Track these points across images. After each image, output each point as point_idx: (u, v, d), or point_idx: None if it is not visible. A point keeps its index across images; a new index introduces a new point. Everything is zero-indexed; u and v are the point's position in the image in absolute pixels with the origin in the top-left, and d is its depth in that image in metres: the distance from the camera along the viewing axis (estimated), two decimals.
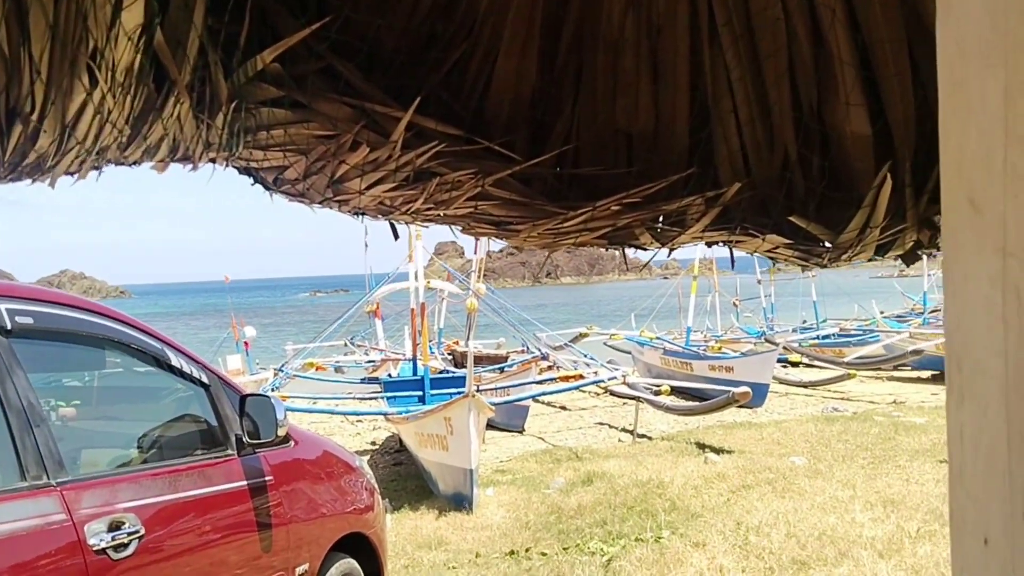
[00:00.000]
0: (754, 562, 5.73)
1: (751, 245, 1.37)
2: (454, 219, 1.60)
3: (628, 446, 11.91)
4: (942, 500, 6.69)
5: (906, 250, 1.30)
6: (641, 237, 1.40)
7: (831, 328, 24.11)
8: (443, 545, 7.22)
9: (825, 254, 1.29)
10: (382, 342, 23.09)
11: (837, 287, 32.45)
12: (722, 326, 27.57)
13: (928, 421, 11.80)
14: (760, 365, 15.61)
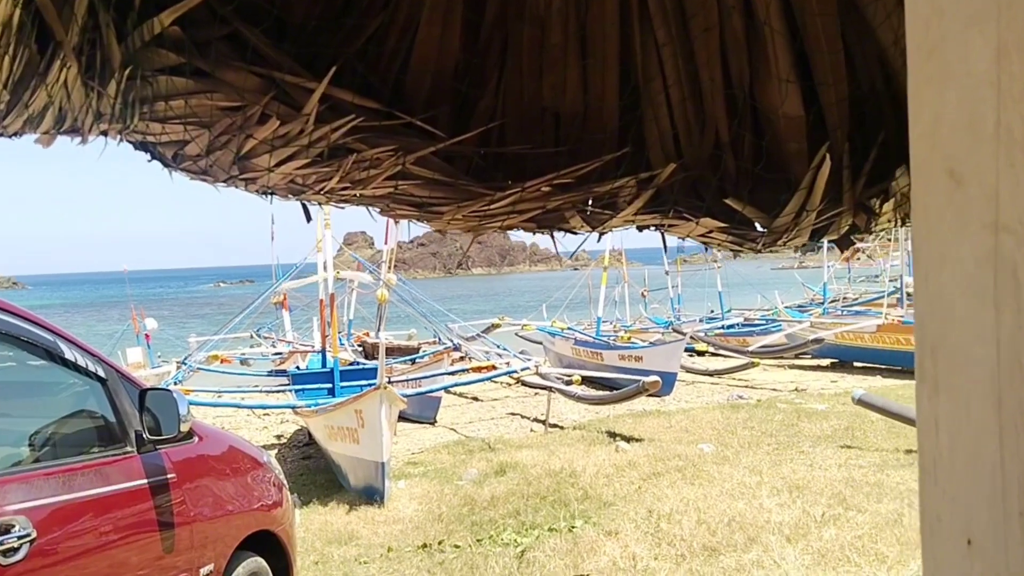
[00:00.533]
0: (666, 549, 5.79)
1: (684, 229, 1.32)
2: (372, 200, 1.50)
3: (540, 436, 11.95)
4: (845, 484, 6.90)
5: (841, 234, 1.27)
6: (571, 220, 1.33)
7: (736, 318, 24.71)
8: (354, 540, 7.08)
9: (759, 238, 1.25)
10: (290, 334, 22.68)
11: (742, 278, 33.28)
12: (631, 316, 27.98)
13: (829, 408, 12.19)
14: (668, 354, 15.86)
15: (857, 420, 10.56)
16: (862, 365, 18.65)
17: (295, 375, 14.35)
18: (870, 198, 1.41)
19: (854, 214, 1.16)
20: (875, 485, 6.80)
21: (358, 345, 19.58)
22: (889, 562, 5.06)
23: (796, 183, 1.38)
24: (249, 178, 1.40)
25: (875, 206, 1.28)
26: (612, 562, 5.66)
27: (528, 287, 70.98)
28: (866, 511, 6.08)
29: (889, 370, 17.72)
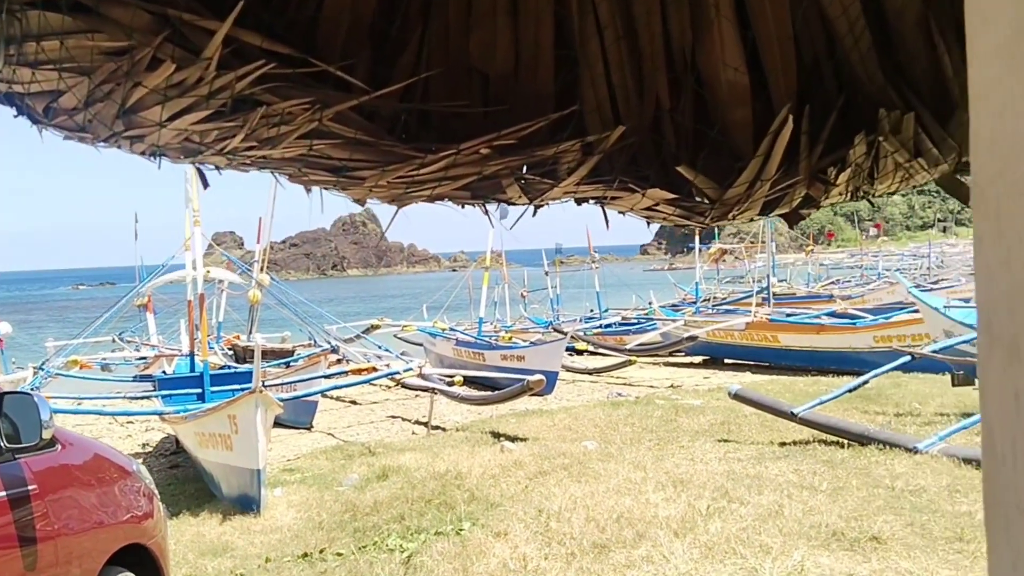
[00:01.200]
0: (556, 548, 5.73)
1: (628, 202, 1.22)
2: (281, 163, 1.33)
3: (423, 439, 11.78)
4: (726, 477, 7.03)
5: (793, 207, 1.20)
6: (509, 190, 1.20)
7: (613, 317, 25.16)
8: (229, 551, 6.75)
9: (708, 211, 1.16)
10: (154, 337, 21.70)
11: (617, 278, 33.97)
12: (511, 317, 28.11)
13: (704, 403, 12.50)
14: (550, 354, 15.97)
15: (732, 415, 10.85)
16: (732, 361, 19.31)
17: (161, 380, 13.64)
18: (826, 168, 1.35)
19: (809, 185, 1.09)
20: (755, 477, 6.96)
21: (229, 348, 18.88)
22: (774, 553, 5.15)
23: (740, 154, 1.31)
24: (136, 135, 1.20)
25: (831, 176, 1.22)
26: (502, 563, 5.56)
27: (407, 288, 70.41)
28: (748, 503, 6.21)
29: (757, 366, 18.42)
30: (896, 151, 1.23)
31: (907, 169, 1.08)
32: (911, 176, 1.10)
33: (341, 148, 1.25)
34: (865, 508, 5.90)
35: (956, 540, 5.20)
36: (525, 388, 11.18)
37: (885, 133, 1.28)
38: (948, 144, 1.29)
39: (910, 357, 9.33)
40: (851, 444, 7.94)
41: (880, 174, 1.06)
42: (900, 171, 1.08)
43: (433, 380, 14.12)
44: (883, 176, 1.08)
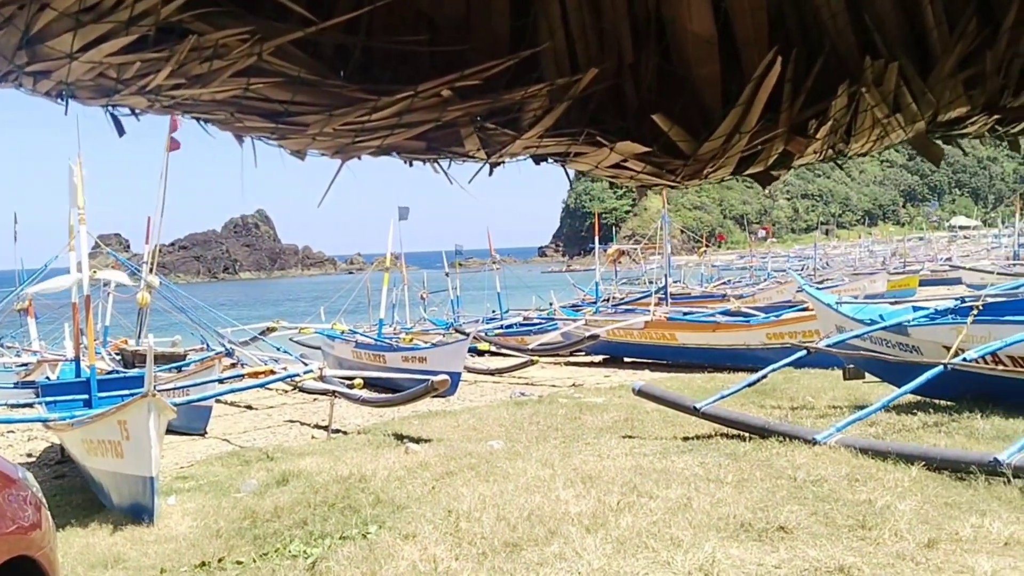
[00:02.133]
0: (467, 548, 5.63)
1: (594, 158, 1.12)
2: (212, 106, 1.17)
3: (323, 442, 11.49)
4: (634, 472, 7.06)
5: (768, 164, 1.13)
6: (467, 142, 1.08)
7: (514, 318, 25.23)
8: (121, 562, 6.39)
9: (681, 169, 1.08)
10: (36, 342, 20.62)
11: (518, 280, 34.11)
12: (411, 319, 27.90)
13: (606, 400, 12.61)
14: (452, 354, 15.86)
15: (634, 411, 10.97)
16: (631, 360, 19.60)
17: (45, 386, 12.91)
18: (806, 121, 1.29)
19: (787, 140, 1.03)
20: (662, 472, 7.01)
21: (116, 353, 18.08)
22: (685, 545, 5.18)
23: (709, 111, 1.24)
24: (41, 70, 1.03)
25: (811, 129, 1.16)
26: (412, 566, 5.42)
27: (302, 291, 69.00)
28: (657, 497, 6.24)
29: (656, 364, 18.75)
30: (876, 105, 1.20)
31: (884, 126, 1.03)
32: (887, 134, 1.05)
33: (282, 88, 1.12)
34: (770, 499, 6.01)
35: (859, 527, 5.34)
36: (429, 388, 11.04)
37: (868, 84, 1.24)
38: (927, 99, 1.26)
39: (806, 352, 9.59)
40: (752, 437, 8.10)
41: (858, 130, 1.01)
42: (877, 128, 1.04)
43: (333, 383, 13.81)
44: (860, 133, 1.03)
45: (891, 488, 6.03)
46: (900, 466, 6.51)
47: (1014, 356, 8.52)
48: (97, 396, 11.52)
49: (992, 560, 4.64)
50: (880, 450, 6.90)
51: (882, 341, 10.15)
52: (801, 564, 4.82)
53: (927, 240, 68.81)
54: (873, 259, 53.97)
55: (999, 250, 49.80)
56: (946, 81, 1.20)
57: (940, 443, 7.55)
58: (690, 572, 4.77)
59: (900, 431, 8.33)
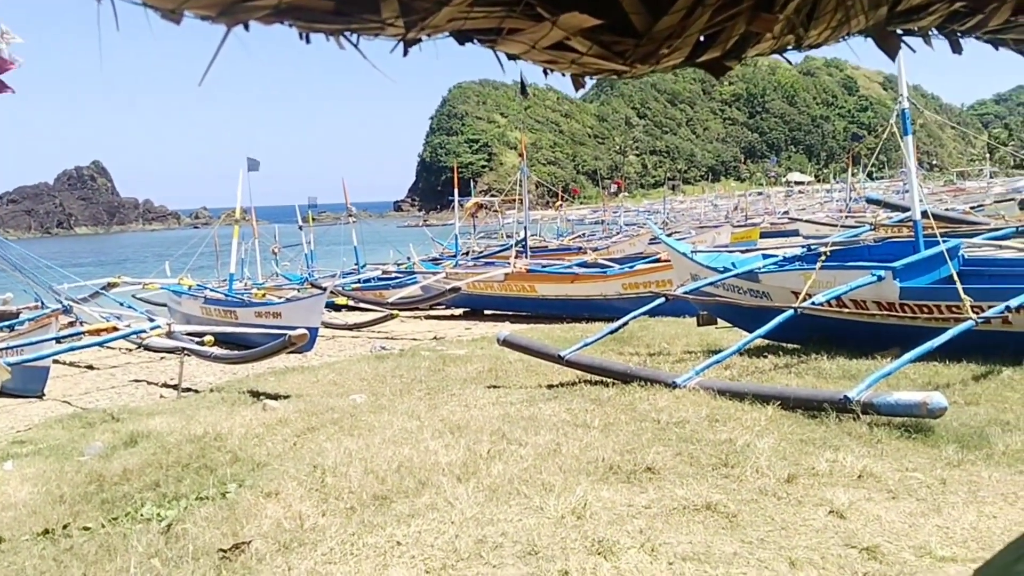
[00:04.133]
0: (334, 504, 5.44)
1: (531, 35, 0.94)
2: None
3: (173, 402, 10.94)
4: (503, 421, 7.03)
5: (726, 50, 1.00)
6: (385, 5, 0.89)
7: (373, 272, 24.82)
8: None
9: (632, 50, 0.94)
10: None
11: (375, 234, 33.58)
12: (263, 274, 27.02)
13: (469, 352, 12.58)
14: (308, 309, 15.41)
15: (498, 362, 10.98)
16: (492, 312, 19.68)
17: None
18: None
19: (752, 17, 0.91)
20: (530, 419, 7.01)
21: None
22: (556, 490, 5.18)
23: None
24: None
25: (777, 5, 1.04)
26: (276, 524, 5.19)
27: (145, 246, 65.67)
28: (527, 444, 6.22)
29: (516, 315, 18.90)
30: None
31: (847, 9, 0.93)
32: (848, 20, 0.95)
33: None
34: (636, 441, 6.10)
35: (722, 466, 5.49)
36: (287, 343, 10.66)
37: None
38: None
39: (664, 299, 9.82)
40: (615, 383, 8.23)
41: (820, 13, 0.91)
42: (840, 11, 0.93)
43: (182, 340, 13.16)
44: (823, 16, 0.92)
45: (750, 427, 6.24)
46: (757, 406, 6.75)
47: (856, 300, 8.99)
48: None
49: (848, 492, 4.86)
50: (737, 391, 7.13)
51: (735, 288, 10.52)
52: (669, 503, 4.90)
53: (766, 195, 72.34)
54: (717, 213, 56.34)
55: (831, 204, 52.91)
56: None
57: (792, 383, 7.90)
58: (563, 516, 4.77)
59: (754, 373, 8.67)
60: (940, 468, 5.29)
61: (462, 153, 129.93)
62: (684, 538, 4.42)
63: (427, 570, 4.30)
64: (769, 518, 4.62)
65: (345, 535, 4.86)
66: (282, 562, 4.60)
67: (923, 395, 5.96)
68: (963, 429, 6.06)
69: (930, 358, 7.59)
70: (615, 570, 4.09)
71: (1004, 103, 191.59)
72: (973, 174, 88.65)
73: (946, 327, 7.43)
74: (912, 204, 10.21)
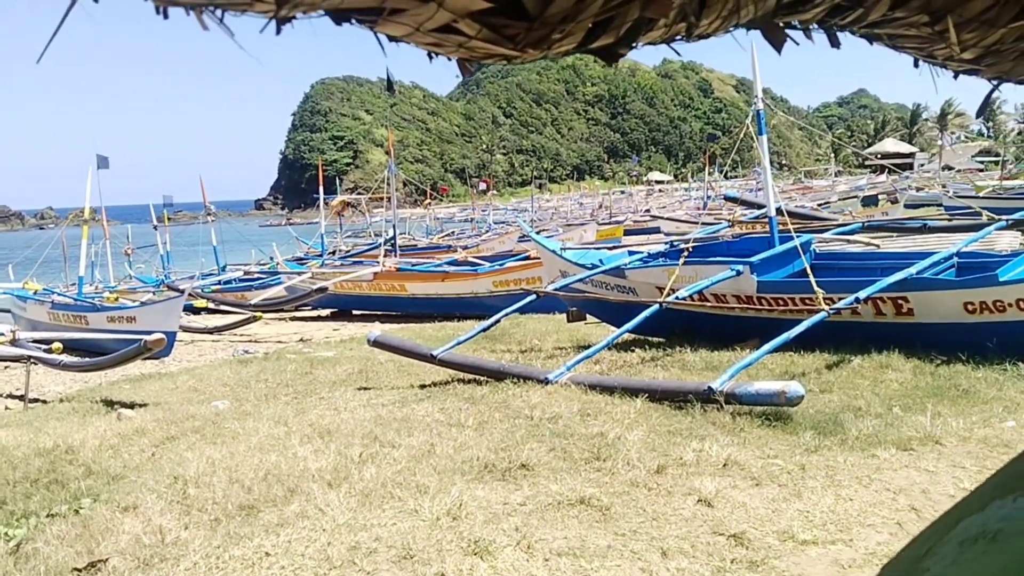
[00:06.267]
0: (197, 516, 5.19)
1: (415, 17, 0.88)
2: None
3: (19, 413, 10.23)
4: (374, 423, 6.90)
5: (618, 37, 0.96)
6: None
7: (234, 273, 23.99)
8: None
9: (523, 34, 0.89)
10: None
11: (236, 233, 32.45)
12: (115, 277, 25.69)
13: (338, 354, 12.33)
14: (165, 313, 14.75)
15: (368, 363, 10.81)
16: (361, 312, 19.38)
17: None
18: None
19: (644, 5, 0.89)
20: (403, 420, 6.91)
21: None
22: (431, 491, 5.11)
23: None
24: None
25: None
26: (135, 539, 4.90)
27: None
28: (400, 446, 6.13)
29: (386, 315, 18.68)
30: None
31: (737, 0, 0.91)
32: (738, 9, 0.93)
33: None
34: (510, 439, 6.10)
35: (594, 459, 5.56)
36: (142, 349, 10.14)
37: None
38: None
39: (536, 296, 9.89)
40: (488, 381, 8.23)
41: (712, 1, 0.89)
42: (731, 1, 0.91)
43: (27, 347, 12.33)
44: (713, 6, 0.90)
45: (620, 420, 6.35)
46: (626, 399, 6.88)
47: (716, 293, 9.32)
48: None
49: (715, 480, 5.01)
50: (607, 385, 7.25)
51: (603, 284, 10.72)
52: (545, 499, 4.92)
53: (628, 193, 74.29)
54: (583, 211, 57.44)
55: (690, 202, 54.86)
56: None
57: (659, 376, 8.10)
58: (438, 517, 4.71)
59: (622, 367, 8.85)
60: (799, 454, 5.53)
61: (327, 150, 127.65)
62: (559, 533, 4.44)
63: None
64: (641, 509, 4.71)
65: (210, 548, 4.63)
66: None
67: (781, 384, 6.22)
68: (819, 416, 6.36)
69: (787, 348, 7.94)
70: (492, 570, 4.07)
71: (846, 105, 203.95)
72: (820, 173, 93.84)
73: (801, 318, 7.79)
74: (767, 201, 10.67)
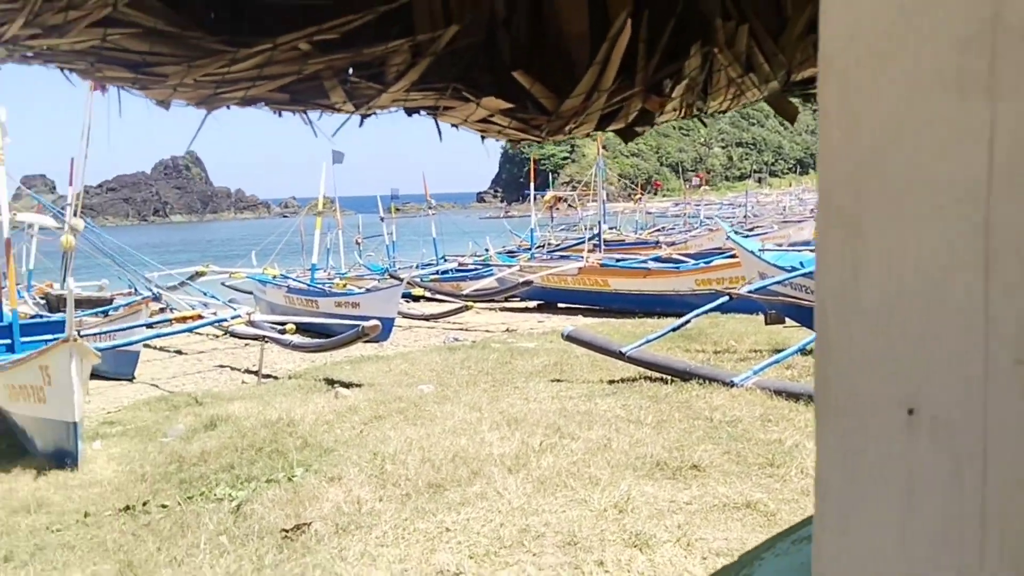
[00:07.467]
0: (391, 490, 5.73)
1: (462, 113, 1.14)
2: (71, 56, 1.17)
3: (253, 387, 11.45)
4: (559, 415, 7.23)
5: (628, 122, 1.17)
6: (332, 94, 1.09)
7: (450, 264, 25.21)
8: (44, 507, 6.36)
9: (545, 125, 1.11)
10: None
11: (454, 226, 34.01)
12: (346, 264, 27.69)
13: (538, 345, 12.77)
14: (385, 300, 15.81)
15: (564, 356, 11.14)
16: (565, 305, 19.80)
17: None
18: (662, 80, 1.34)
19: (644, 98, 1.07)
20: (585, 414, 7.19)
21: (40, 297, 17.64)
22: (602, 484, 5.35)
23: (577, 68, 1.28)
24: None
25: (667, 88, 1.21)
26: (336, 507, 5.50)
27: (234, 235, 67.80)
28: (579, 438, 6.40)
29: (589, 309, 18.98)
30: (730, 64, 1.24)
31: (739, 85, 1.08)
32: (742, 93, 1.10)
33: (140, 39, 1.12)
34: (686, 439, 6.22)
35: (768, 465, 5.57)
36: (360, 334, 11.03)
37: (720, 45, 1.28)
38: (779, 60, 1.31)
39: (728, 297, 9.83)
40: (674, 380, 8.32)
41: (713, 89, 1.06)
42: (733, 87, 1.09)
43: (264, 328, 13.70)
44: (716, 92, 1.08)
45: (801, 428, 6.28)
46: (811, 406, 6.77)
47: None
48: (20, 341, 11.28)
49: None
50: (793, 391, 7.16)
51: (802, 287, 10.45)
52: (711, 500, 5.03)
53: None
54: (803, 207, 55.08)
55: None
56: (797, 42, 1.26)
57: None
58: (605, 509, 4.94)
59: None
60: None
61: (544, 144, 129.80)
62: (720, 534, 4.55)
63: (471, 555, 4.53)
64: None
65: (398, 520, 5.13)
66: (338, 543, 4.90)
67: None
68: None
69: None
70: (649, 563, 4.25)
71: None
72: None
73: None
74: None
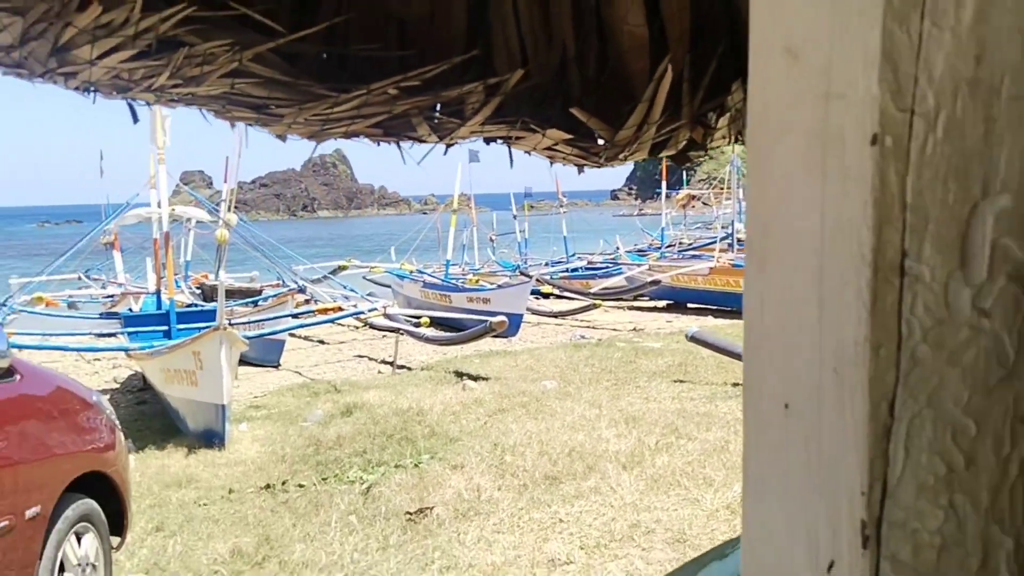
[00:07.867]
0: (509, 480, 5.95)
1: (531, 142, 1.31)
2: (206, 100, 1.41)
3: (388, 377, 11.95)
4: (677, 415, 7.27)
5: (678, 149, 1.30)
6: (419, 128, 1.29)
7: (579, 262, 25.36)
8: (193, 482, 6.91)
9: (602, 152, 1.26)
10: (121, 275, 21.55)
11: (586, 223, 34.14)
12: (480, 260, 28.24)
13: (664, 345, 12.76)
14: (515, 296, 16.12)
15: (689, 357, 11.10)
16: (695, 306, 19.58)
17: (128, 317, 13.65)
18: (707, 112, 1.45)
19: (691, 128, 1.19)
20: (704, 415, 7.20)
21: (196, 287, 18.86)
22: (716, 485, 5.39)
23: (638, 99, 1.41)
24: (69, 72, 1.27)
25: (712, 120, 1.32)
26: (457, 494, 5.77)
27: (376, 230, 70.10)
28: (696, 439, 6.44)
29: (720, 311, 18.70)
30: None
31: None
32: None
33: (260, 87, 1.33)
34: None
35: None
36: (488, 329, 11.36)
37: None
38: None
39: None
40: None
41: None
42: None
43: (399, 320, 14.26)
44: None
45: None
46: None
47: None
48: (176, 328, 12.13)
49: None
50: None
51: None
52: None
53: None
54: None
55: None
56: None
57: None
58: (717, 509, 4.99)
59: None
60: None
61: None
62: None
63: (582, 546, 4.69)
64: None
65: (515, 509, 5.35)
66: (457, 528, 5.16)
67: None
68: None
69: None
70: None
71: None
72: None
73: None
74: None
